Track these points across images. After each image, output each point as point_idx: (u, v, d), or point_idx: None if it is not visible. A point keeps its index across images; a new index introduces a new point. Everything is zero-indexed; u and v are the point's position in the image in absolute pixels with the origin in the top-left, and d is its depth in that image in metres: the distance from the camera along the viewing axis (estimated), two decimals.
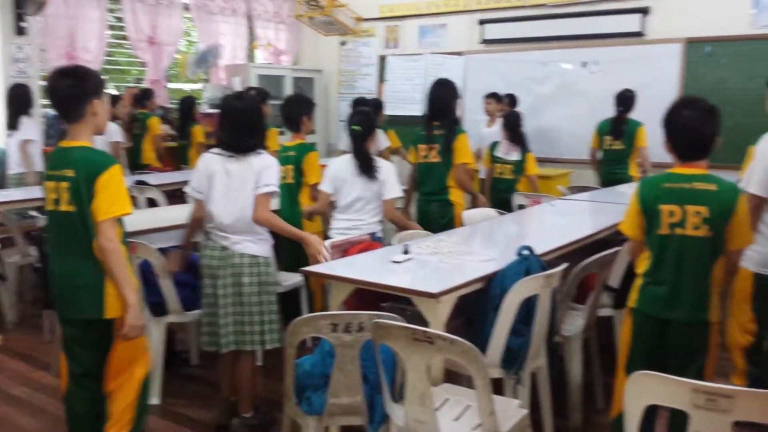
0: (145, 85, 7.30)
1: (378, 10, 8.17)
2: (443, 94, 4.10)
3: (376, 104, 6.23)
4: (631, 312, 2.53)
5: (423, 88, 7.86)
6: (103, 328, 2.44)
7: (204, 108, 7.56)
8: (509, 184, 5.28)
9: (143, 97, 6.78)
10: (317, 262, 2.99)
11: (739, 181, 2.90)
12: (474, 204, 4.52)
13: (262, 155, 2.97)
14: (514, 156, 5.34)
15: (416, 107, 7.59)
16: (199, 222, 3.10)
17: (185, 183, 3.17)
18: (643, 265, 2.50)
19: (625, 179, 5.42)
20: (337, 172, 3.75)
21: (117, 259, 2.38)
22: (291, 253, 4.03)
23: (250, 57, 8.46)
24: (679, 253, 2.38)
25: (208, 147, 3.47)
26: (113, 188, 2.37)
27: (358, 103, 5.95)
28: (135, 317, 2.42)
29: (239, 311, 2.95)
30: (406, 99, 7.85)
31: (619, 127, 5.50)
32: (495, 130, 5.85)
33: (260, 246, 3.00)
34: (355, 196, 3.70)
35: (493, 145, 5.45)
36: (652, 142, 5.44)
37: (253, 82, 7.68)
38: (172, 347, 3.74)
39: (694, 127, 2.39)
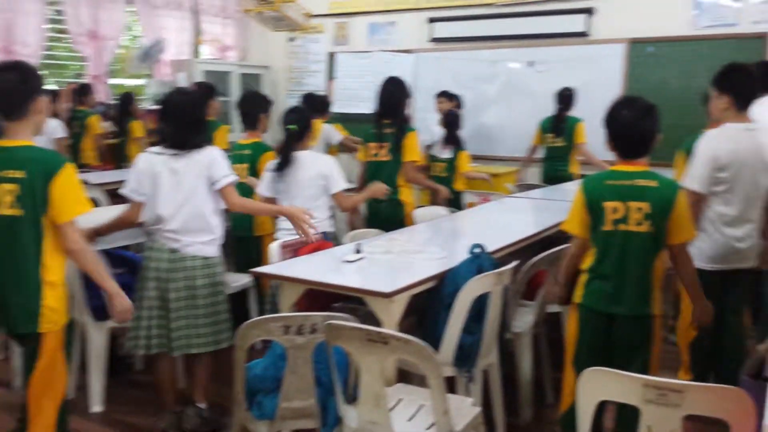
0: (85, 80, 7.07)
1: (327, 6, 8.10)
2: (394, 93, 4.09)
3: (323, 101, 6.16)
4: (577, 307, 2.57)
5: (373, 86, 7.82)
6: (36, 342, 2.34)
7: (147, 104, 7.37)
8: (447, 182, 5.33)
9: (81, 92, 6.56)
10: (306, 233, 3.04)
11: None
12: (435, 196, 4.54)
13: (206, 149, 2.90)
14: (447, 154, 5.42)
15: (366, 105, 7.54)
16: (127, 223, 3.01)
17: None
18: (587, 261, 2.55)
19: (566, 176, 5.54)
20: (276, 174, 3.65)
21: (87, 258, 2.38)
22: (241, 253, 3.95)
23: (196, 52, 8.28)
24: (623, 248, 2.44)
25: (151, 144, 3.36)
26: (71, 187, 2.30)
27: (307, 99, 5.89)
28: (122, 302, 2.50)
29: (193, 314, 2.88)
30: (356, 96, 7.81)
31: (559, 124, 5.62)
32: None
33: (212, 247, 2.95)
34: (303, 194, 3.59)
35: (432, 144, 5.51)
36: (595, 140, 5.56)
37: (199, 78, 7.50)
38: (114, 352, 3.62)
39: (633, 125, 2.45)
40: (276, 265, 2.96)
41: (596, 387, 1.78)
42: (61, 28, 6.95)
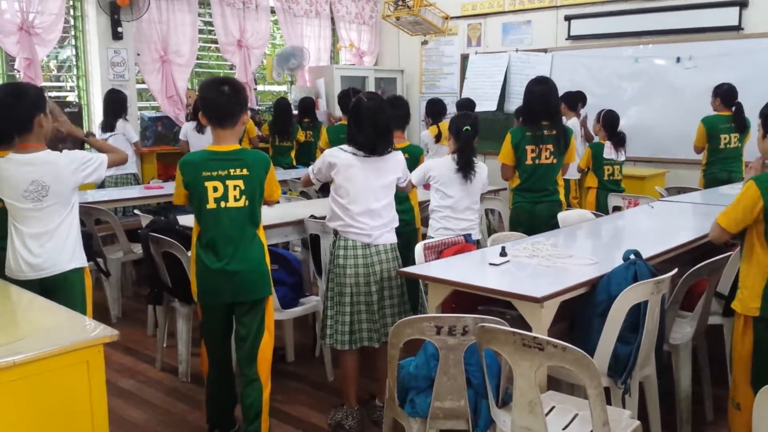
0: None
1: (460, 8, 8.11)
2: (550, 94, 3.97)
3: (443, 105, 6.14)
4: (756, 321, 2.39)
5: (499, 85, 7.76)
6: (263, 305, 2.81)
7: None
8: (618, 184, 5.23)
9: None
10: None
11: None
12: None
13: (393, 152, 3.12)
14: (620, 157, 5.28)
15: (491, 103, 7.63)
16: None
17: None
18: (760, 270, 2.37)
19: (739, 179, 5.15)
20: (441, 171, 3.74)
21: None
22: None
23: (334, 58, 8.55)
24: None
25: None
26: (274, 177, 2.83)
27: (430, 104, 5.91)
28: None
29: (389, 304, 3.12)
30: (484, 95, 7.72)
31: (742, 122, 5.26)
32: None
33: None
34: (464, 195, 3.70)
35: (598, 147, 5.31)
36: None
37: (337, 83, 7.76)
38: None
39: None
40: (423, 266, 3.00)
41: None
42: (211, 38, 7.40)
